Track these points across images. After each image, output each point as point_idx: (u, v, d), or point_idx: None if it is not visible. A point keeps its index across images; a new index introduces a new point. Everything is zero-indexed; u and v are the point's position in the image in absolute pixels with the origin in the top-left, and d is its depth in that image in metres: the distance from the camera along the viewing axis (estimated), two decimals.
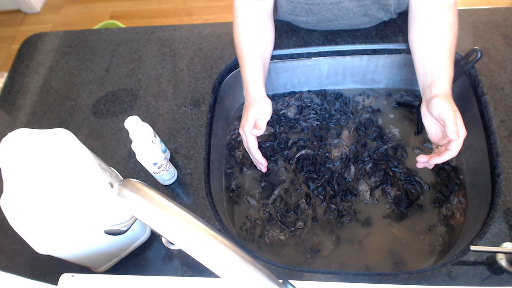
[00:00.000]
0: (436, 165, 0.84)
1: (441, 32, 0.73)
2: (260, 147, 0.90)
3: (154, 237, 0.73)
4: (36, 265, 0.72)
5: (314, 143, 0.90)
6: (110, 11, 2.44)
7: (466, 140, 0.85)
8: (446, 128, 0.65)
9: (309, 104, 0.97)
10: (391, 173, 0.84)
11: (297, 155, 0.88)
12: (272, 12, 0.86)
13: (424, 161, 0.72)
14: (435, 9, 0.75)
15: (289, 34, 0.95)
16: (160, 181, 0.78)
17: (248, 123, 0.74)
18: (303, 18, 0.89)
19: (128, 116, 0.73)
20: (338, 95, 0.97)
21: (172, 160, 0.82)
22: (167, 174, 0.75)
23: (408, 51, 0.90)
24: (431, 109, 0.68)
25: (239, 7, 0.83)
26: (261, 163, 0.78)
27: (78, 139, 0.62)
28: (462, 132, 0.65)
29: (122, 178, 0.76)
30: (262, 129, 0.73)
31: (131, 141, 0.74)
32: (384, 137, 0.90)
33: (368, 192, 0.83)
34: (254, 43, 0.81)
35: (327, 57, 0.93)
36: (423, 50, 0.75)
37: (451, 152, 0.66)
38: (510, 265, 0.63)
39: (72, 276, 0.60)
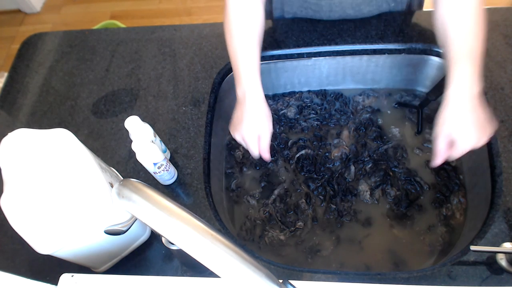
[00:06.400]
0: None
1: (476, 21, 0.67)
2: None
3: (154, 237, 0.73)
4: (36, 265, 0.72)
5: (314, 143, 0.90)
6: (110, 11, 2.44)
7: None
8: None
9: (309, 104, 0.97)
10: (391, 173, 0.84)
11: (297, 155, 0.88)
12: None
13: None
14: None
15: (289, 34, 0.94)
16: (160, 181, 0.78)
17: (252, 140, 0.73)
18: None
19: (128, 116, 0.73)
20: (338, 95, 0.97)
21: (172, 160, 0.82)
22: (167, 174, 0.75)
23: (408, 51, 0.90)
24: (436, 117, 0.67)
25: None
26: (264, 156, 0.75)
27: (78, 139, 0.62)
28: (454, 157, 0.67)
29: (122, 178, 0.76)
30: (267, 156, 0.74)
31: (131, 141, 0.74)
32: (384, 137, 0.90)
33: (368, 192, 0.83)
34: (249, 34, 0.75)
35: (327, 57, 0.93)
36: (458, 30, 0.67)
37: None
38: (510, 265, 0.63)
39: (72, 276, 0.61)
